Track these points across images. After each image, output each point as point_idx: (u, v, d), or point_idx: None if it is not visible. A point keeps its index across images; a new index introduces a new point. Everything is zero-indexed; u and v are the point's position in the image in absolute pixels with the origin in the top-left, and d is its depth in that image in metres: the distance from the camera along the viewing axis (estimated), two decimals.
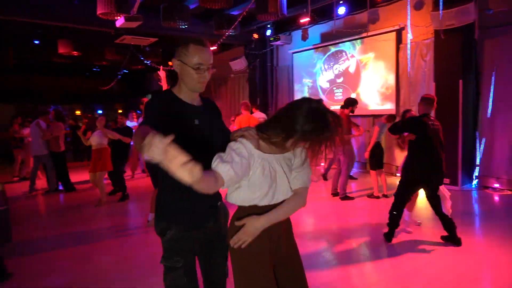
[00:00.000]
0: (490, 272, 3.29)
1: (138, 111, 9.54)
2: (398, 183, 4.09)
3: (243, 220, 1.49)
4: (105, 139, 5.98)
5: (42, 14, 7.63)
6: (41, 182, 7.73)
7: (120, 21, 6.20)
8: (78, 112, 17.70)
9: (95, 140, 5.94)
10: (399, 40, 7.94)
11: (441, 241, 3.98)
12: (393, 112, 7.97)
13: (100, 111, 17.51)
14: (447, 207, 3.98)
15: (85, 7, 7.43)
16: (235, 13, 8.33)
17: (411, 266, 3.40)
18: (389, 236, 3.98)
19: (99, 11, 5.99)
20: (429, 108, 4.02)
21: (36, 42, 9.45)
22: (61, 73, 14.91)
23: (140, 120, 4.94)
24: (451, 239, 3.84)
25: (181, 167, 1.16)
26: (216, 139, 1.72)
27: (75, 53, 9.67)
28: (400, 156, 8.01)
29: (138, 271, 3.45)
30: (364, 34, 8.56)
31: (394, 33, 7.94)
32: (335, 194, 6.20)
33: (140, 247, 4.16)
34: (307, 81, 10.20)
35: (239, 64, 11.18)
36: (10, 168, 9.48)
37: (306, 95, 10.31)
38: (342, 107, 6.36)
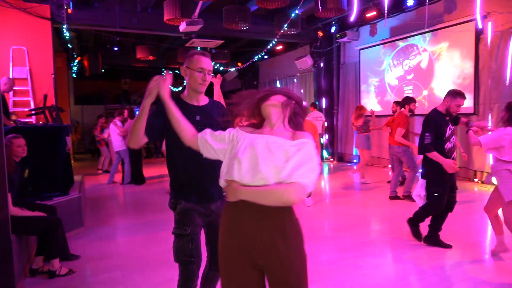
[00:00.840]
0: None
1: None
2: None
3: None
4: None
5: (121, 23, 8.44)
6: (118, 176, 8.55)
7: (182, 26, 6.59)
8: None
9: None
10: (479, 30, 7.12)
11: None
12: (471, 111, 7.20)
13: None
14: None
15: (157, 15, 8.04)
16: (298, 11, 8.28)
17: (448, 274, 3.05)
18: None
19: (165, 18, 6.45)
20: None
21: (116, 49, 10.48)
22: (141, 77, 16.32)
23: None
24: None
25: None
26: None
27: (151, 57, 10.51)
28: (478, 159, 7.20)
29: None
30: (438, 26, 7.86)
31: (473, 22, 7.14)
32: (406, 196, 5.77)
33: None
34: (374, 79, 9.70)
35: (304, 62, 11.07)
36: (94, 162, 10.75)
37: (373, 93, 9.82)
38: (399, 105, 5.95)
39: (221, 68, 12.11)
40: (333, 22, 9.91)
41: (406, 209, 4.94)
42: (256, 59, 9.80)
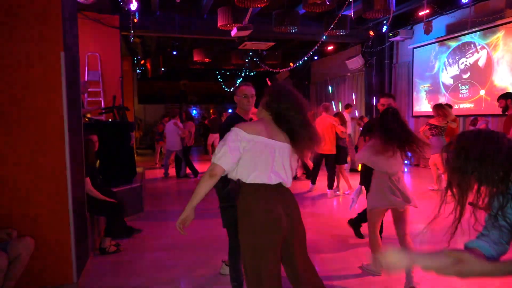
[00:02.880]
0: None
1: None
2: None
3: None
4: None
5: (180, 29, 9.15)
6: (172, 170, 9.27)
7: (233, 31, 7.03)
8: (211, 111, 20.13)
9: None
10: None
11: None
12: None
13: (230, 110, 19.54)
14: None
15: (212, 20, 8.60)
16: (346, 13, 8.34)
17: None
18: None
19: (219, 24, 6.94)
20: None
21: (174, 53, 11.30)
22: (197, 78, 17.25)
23: None
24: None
25: None
26: None
27: (207, 60, 11.18)
28: None
29: None
30: (499, 22, 7.47)
31: None
32: None
33: None
34: (427, 78, 9.42)
35: (355, 62, 11.05)
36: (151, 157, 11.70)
37: (426, 92, 9.53)
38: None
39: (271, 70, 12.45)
40: (385, 21, 9.78)
41: None
42: (304, 60, 9.99)
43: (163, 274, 3.34)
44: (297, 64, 10.21)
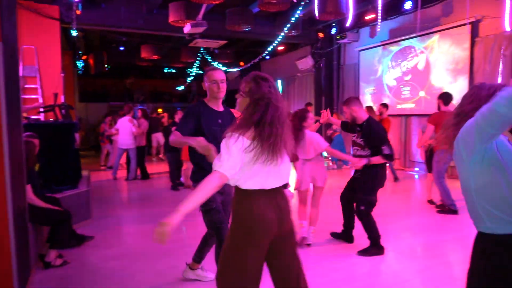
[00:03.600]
0: None
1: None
2: None
3: None
4: None
5: (128, 23, 8.68)
6: (121, 172, 8.79)
7: (187, 28, 6.82)
8: (160, 110, 19.45)
9: None
10: (474, 33, 7.33)
11: None
12: None
13: (179, 109, 19.05)
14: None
15: (162, 16, 8.27)
16: (300, 13, 8.50)
17: (437, 275, 3.28)
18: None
19: (170, 19, 6.68)
20: None
21: (121, 48, 10.73)
22: (144, 75, 16.59)
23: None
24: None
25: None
26: None
27: (155, 56, 10.75)
28: None
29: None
30: (435, 28, 8.07)
31: (469, 26, 7.34)
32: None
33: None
34: (372, 80, 9.91)
35: (305, 63, 11.29)
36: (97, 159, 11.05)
37: (371, 93, 10.02)
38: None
39: (224, 68, 12.33)
40: (334, 24, 10.12)
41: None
42: (258, 60, 10.01)
43: (120, 286, 3.11)
44: (253, 62, 10.18)
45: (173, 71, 15.62)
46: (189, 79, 13.97)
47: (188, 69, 13.88)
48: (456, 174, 1.58)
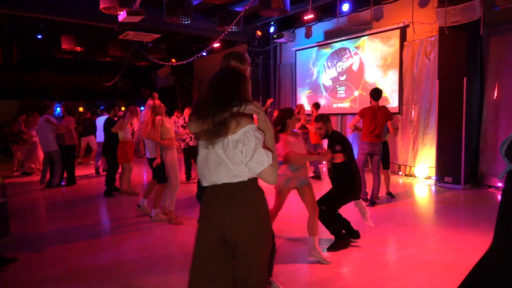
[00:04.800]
0: None
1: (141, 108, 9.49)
2: None
3: None
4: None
5: (45, 9, 7.63)
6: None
7: (122, 16, 6.19)
8: (81, 109, 17.73)
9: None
10: (403, 37, 7.87)
11: (441, 240, 3.94)
12: (396, 110, 7.93)
13: (103, 108, 17.52)
14: None
15: (89, 2, 7.42)
16: (239, 9, 8.29)
17: (409, 264, 3.36)
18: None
19: (101, 6, 5.98)
20: None
21: (39, 36, 9.45)
22: (64, 70, 14.94)
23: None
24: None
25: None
26: None
27: (78, 48, 9.66)
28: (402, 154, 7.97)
29: (135, 264, 3.44)
30: (368, 32, 8.50)
31: (398, 30, 7.87)
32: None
33: (137, 244, 4.15)
34: (309, 82, 10.15)
35: None
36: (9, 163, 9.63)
37: (308, 93, 10.26)
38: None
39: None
40: (272, 22, 10.13)
41: None
42: (197, 56, 9.57)
43: None
44: (190, 59, 9.67)
45: (99, 65, 14.31)
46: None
47: (117, 64, 12.81)
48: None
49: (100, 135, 7.88)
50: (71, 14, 7.96)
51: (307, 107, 10.36)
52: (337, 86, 9.37)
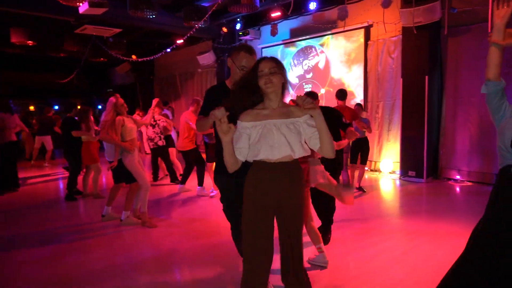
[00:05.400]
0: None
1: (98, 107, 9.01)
2: None
3: None
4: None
5: None
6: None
7: (83, 7, 5.81)
8: (32, 108, 16.57)
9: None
10: (367, 37, 8.11)
11: (414, 232, 4.08)
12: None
13: (56, 107, 16.47)
14: None
15: None
16: (205, 4, 8.11)
17: (389, 257, 3.44)
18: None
19: None
20: None
21: None
22: (13, 65, 13.85)
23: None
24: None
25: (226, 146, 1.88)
26: None
27: (30, 42, 8.97)
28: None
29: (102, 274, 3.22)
30: (333, 30, 8.66)
31: (363, 30, 8.09)
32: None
33: (110, 249, 3.91)
34: None
35: (207, 58, 10.94)
36: None
37: None
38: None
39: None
40: (238, 19, 10.03)
41: None
42: (164, 52, 9.25)
43: None
44: (159, 55, 9.32)
45: (51, 61, 13.41)
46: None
47: (72, 60, 12.09)
48: None
49: None
50: (22, 4, 7.36)
51: None
52: (304, 83, 9.48)
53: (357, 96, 8.29)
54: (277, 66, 1.96)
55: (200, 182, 6.11)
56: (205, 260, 3.44)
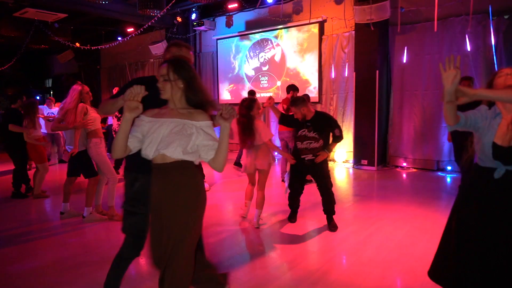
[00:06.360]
0: (421, 235, 3.76)
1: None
2: None
3: None
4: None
5: None
6: None
7: None
8: None
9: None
10: (321, 31, 8.41)
11: (374, 217, 4.41)
12: (316, 100, 8.49)
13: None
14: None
15: None
16: None
17: (356, 239, 3.70)
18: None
19: None
20: None
21: None
22: None
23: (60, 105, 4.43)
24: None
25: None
26: None
27: None
28: None
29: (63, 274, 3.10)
30: (289, 24, 8.86)
31: (317, 24, 8.38)
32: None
33: (72, 247, 3.73)
34: (231, 68, 10.19)
35: (160, 48, 10.61)
36: None
37: (230, 82, 10.30)
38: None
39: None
40: (193, 9, 9.84)
41: None
42: (121, 41, 8.78)
43: None
44: (113, 44, 8.82)
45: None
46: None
47: (6, 46, 11.03)
48: None
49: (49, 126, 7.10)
50: None
51: (228, 95, 10.42)
52: (260, 76, 9.60)
53: (311, 83, 8.61)
54: (172, 73, 1.88)
55: None
56: None
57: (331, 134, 3.95)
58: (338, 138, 3.94)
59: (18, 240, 3.87)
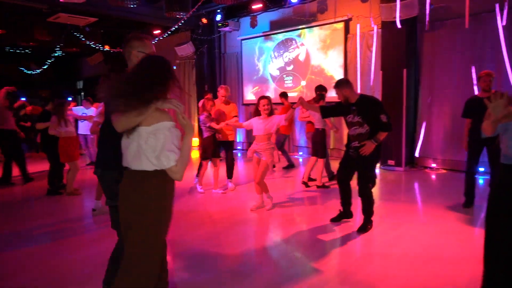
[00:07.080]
0: (450, 238, 3.65)
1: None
2: None
3: None
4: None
5: None
6: None
7: None
8: None
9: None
10: (347, 30, 8.30)
11: (401, 219, 4.30)
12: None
13: (23, 98, 15.63)
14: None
15: None
16: None
17: (383, 241, 3.64)
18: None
19: None
20: None
21: None
22: None
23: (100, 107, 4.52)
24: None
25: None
26: None
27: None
28: None
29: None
30: (313, 23, 8.80)
31: (343, 23, 8.27)
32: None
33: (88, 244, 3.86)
34: (255, 70, 10.22)
35: (186, 49, 10.81)
36: None
37: (254, 82, 10.33)
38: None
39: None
40: (218, 10, 9.94)
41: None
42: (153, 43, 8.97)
43: None
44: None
45: (23, 51, 12.68)
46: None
47: (40, 50, 11.53)
48: None
49: (83, 127, 7.79)
50: None
51: (251, 96, 10.44)
52: (284, 76, 9.58)
53: (336, 80, 8.49)
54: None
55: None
56: (203, 250, 3.48)
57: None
58: (385, 125, 3.55)
59: (58, 236, 4.03)
